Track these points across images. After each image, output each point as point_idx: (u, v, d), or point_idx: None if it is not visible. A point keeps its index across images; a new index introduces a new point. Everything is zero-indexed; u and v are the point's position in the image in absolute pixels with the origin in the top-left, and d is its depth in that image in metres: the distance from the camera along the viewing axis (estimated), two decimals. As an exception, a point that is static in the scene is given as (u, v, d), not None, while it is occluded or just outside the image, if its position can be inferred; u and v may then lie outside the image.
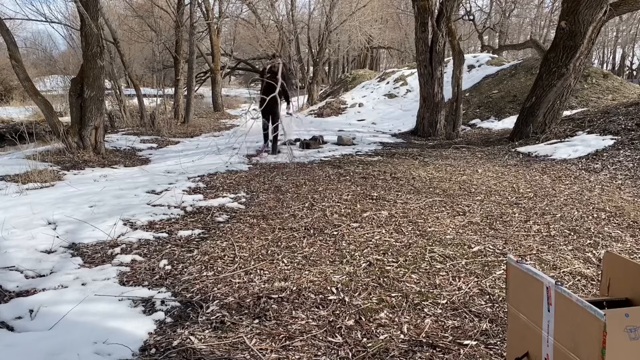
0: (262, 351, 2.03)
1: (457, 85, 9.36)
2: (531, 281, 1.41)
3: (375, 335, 2.15)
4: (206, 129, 13.22)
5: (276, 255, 3.14)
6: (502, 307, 2.38)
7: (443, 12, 9.56)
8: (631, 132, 6.63)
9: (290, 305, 2.43)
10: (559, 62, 7.43)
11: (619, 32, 31.25)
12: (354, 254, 3.12)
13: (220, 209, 4.29)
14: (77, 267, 2.95)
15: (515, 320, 1.54)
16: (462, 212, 4.06)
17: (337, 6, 20.64)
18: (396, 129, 11.93)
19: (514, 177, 5.45)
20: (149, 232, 3.62)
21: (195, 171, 6.06)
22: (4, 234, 3.37)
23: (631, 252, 3.13)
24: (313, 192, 4.86)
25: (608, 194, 4.60)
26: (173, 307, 2.43)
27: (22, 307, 2.36)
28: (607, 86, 11.08)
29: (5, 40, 7.13)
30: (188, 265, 2.99)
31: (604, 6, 7.06)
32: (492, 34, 27.60)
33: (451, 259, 3.02)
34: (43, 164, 6.53)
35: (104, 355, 1.99)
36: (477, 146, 8.20)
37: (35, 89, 7.47)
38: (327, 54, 23.73)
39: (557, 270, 2.85)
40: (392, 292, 2.56)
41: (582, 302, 1.20)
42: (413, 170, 5.94)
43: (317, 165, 6.58)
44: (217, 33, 18.65)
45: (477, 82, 14.14)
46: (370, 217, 3.94)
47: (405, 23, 28.30)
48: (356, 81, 20.20)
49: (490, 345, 2.06)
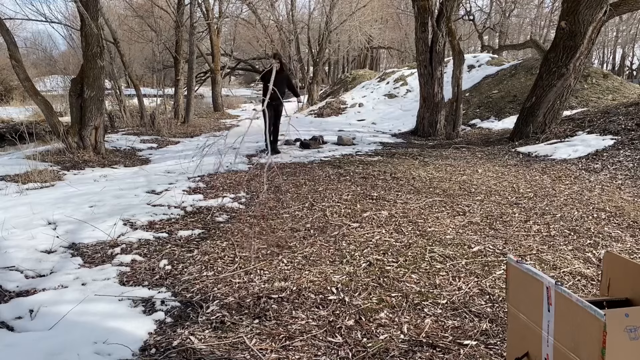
0: (262, 351, 2.03)
1: (457, 85, 9.36)
2: (531, 281, 1.41)
3: (375, 335, 2.15)
4: (206, 129, 13.22)
5: (276, 255, 3.14)
6: (502, 307, 2.38)
7: (443, 12, 9.56)
8: (631, 132, 6.63)
9: (290, 305, 2.43)
10: (559, 62, 7.43)
11: (619, 32, 31.25)
12: (354, 254, 3.12)
13: (220, 209, 4.29)
14: (77, 267, 2.95)
15: (515, 320, 1.54)
16: (462, 212, 4.06)
17: (337, 6, 20.65)
18: (396, 129, 11.93)
19: (514, 177, 5.45)
20: (149, 232, 3.62)
21: (195, 171, 6.06)
22: (4, 234, 3.37)
23: (631, 252, 3.13)
24: (313, 192, 4.86)
25: (608, 194, 4.60)
26: (173, 307, 2.43)
27: (22, 307, 2.36)
28: (607, 86, 11.08)
29: (5, 40, 7.14)
30: (188, 265, 2.99)
31: (604, 6, 7.06)
32: (492, 34, 27.60)
33: (451, 259, 3.02)
34: (43, 164, 6.53)
35: (104, 355, 1.99)
36: (477, 146, 8.20)
37: (35, 89, 7.47)
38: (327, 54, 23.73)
39: (557, 270, 2.85)
40: (392, 292, 2.56)
41: (582, 302, 1.20)
42: (413, 170, 5.94)
43: (317, 165, 6.58)
44: (217, 33, 18.66)
45: (477, 82, 14.14)
46: (370, 217, 3.94)
47: (405, 23, 28.30)
48: (356, 81, 20.21)
49: (490, 345, 2.06)
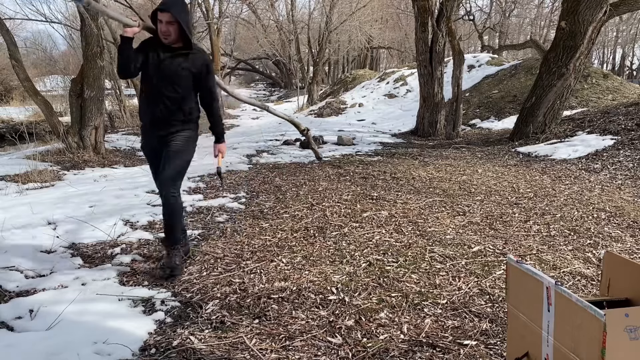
0: (262, 351, 2.03)
1: (457, 85, 9.37)
2: (531, 281, 1.41)
3: (375, 335, 2.15)
4: (206, 129, 13.21)
5: (276, 255, 3.14)
6: (502, 307, 2.38)
7: (443, 12, 9.56)
8: (631, 132, 6.63)
9: (290, 305, 2.43)
10: (559, 62, 7.43)
11: (619, 32, 31.25)
12: (354, 254, 3.12)
13: (220, 209, 4.29)
14: (77, 267, 2.95)
15: (515, 320, 1.54)
16: (462, 212, 4.06)
17: (337, 6, 20.66)
18: (396, 129, 11.93)
19: (514, 177, 5.45)
20: (149, 232, 3.63)
21: (195, 171, 6.06)
22: (4, 234, 3.37)
23: (631, 252, 3.13)
24: (313, 192, 4.86)
25: (608, 194, 4.60)
26: (173, 307, 2.43)
27: (22, 307, 2.36)
28: (607, 86, 11.09)
29: (5, 40, 7.14)
30: (188, 265, 2.99)
31: (604, 6, 7.07)
32: (492, 34, 27.60)
33: (451, 259, 3.02)
34: (43, 164, 6.53)
35: (104, 355, 1.99)
36: (477, 146, 8.20)
37: (35, 89, 7.47)
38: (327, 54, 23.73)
39: (557, 270, 2.85)
40: (392, 292, 2.56)
41: (582, 302, 1.20)
42: (413, 170, 5.94)
43: (317, 165, 6.58)
44: (217, 33, 18.64)
45: (477, 82, 14.15)
46: (370, 217, 3.94)
47: (405, 23, 28.30)
48: (356, 81, 20.22)
49: (490, 345, 2.06)
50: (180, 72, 2.69)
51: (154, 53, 2.68)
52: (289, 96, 27.26)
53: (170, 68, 2.68)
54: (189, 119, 2.83)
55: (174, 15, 2.56)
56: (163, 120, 2.75)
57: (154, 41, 2.72)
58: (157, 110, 2.72)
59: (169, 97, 2.70)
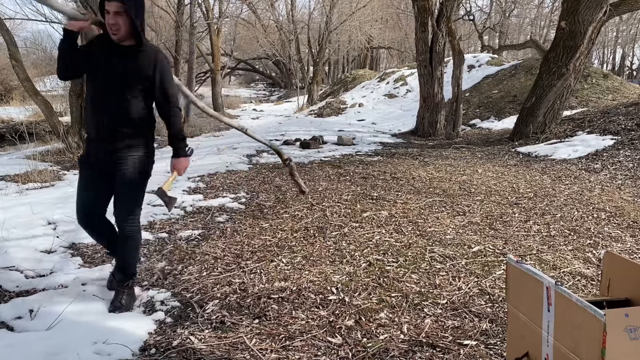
0: (262, 351, 2.03)
1: (457, 85, 9.37)
2: (531, 281, 1.42)
3: (375, 335, 2.15)
4: (206, 129, 13.22)
5: (276, 255, 3.14)
6: (502, 307, 2.38)
7: (443, 12, 9.56)
8: (631, 132, 6.63)
9: (290, 305, 2.43)
10: (559, 62, 7.43)
11: (619, 32, 31.26)
12: (354, 254, 3.12)
13: (220, 209, 4.29)
14: (77, 267, 2.95)
15: (515, 320, 1.54)
16: (462, 212, 4.06)
17: (337, 6, 20.67)
18: (396, 129, 11.93)
19: (514, 177, 5.45)
20: (149, 232, 3.62)
21: (195, 171, 6.06)
22: (4, 234, 3.37)
23: (631, 252, 3.13)
24: (313, 192, 4.86)
25: (608, 194, 4.60)
26: (173, 307, 2.43)
27: (22, 307, 2.36)
28: (607, 86, 11.08)
29: (5, 40, 7.14)
30: (188, 265, 2.99)
31: (604, 6, 7.07)
32: (492, 34, 27.60)
33: (451, 259, 3.02)
34: (43, 164, 6.53)
35: (104, 355, 1.99)
36: (477, 146, 8.20)
37: (35, 89, 7.47)
38: (327, 54, 23.74)
39: (557, 270, 2.85)
40: (392, 292, 2.56)
41: (582, 302, 1.21)
42: (413, 170, 5.94)
43: (317, 165, 6.58)
44: (217, 33, 18.66)
45: (477, 82, 14.15)
46: (370, 217, 3.94)
47: (405, 23, 28.30)
48: (356, 81, 20.22)
49: (490, 345, 2.06)
50: (128, 75, 2.23)
51: (99, 52, 2.22)
52: (289, 96, 27.28)
53: (118, 70, 2.21)
54: (140, 132, 2.35)
55: (122, 5, 2.10)
56: (110, 132, 2.27)
57: (104, 38, 2.25)
58: (104, 119, 2.26)
59: (117, 104, 2.24)
